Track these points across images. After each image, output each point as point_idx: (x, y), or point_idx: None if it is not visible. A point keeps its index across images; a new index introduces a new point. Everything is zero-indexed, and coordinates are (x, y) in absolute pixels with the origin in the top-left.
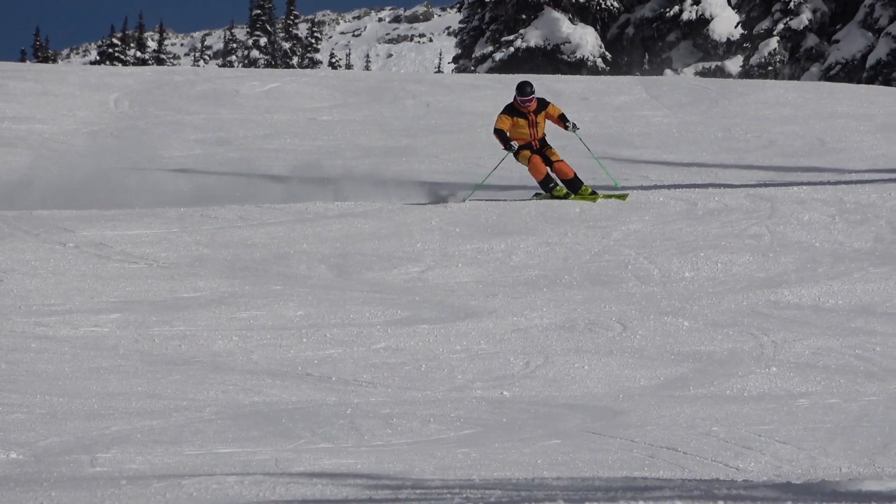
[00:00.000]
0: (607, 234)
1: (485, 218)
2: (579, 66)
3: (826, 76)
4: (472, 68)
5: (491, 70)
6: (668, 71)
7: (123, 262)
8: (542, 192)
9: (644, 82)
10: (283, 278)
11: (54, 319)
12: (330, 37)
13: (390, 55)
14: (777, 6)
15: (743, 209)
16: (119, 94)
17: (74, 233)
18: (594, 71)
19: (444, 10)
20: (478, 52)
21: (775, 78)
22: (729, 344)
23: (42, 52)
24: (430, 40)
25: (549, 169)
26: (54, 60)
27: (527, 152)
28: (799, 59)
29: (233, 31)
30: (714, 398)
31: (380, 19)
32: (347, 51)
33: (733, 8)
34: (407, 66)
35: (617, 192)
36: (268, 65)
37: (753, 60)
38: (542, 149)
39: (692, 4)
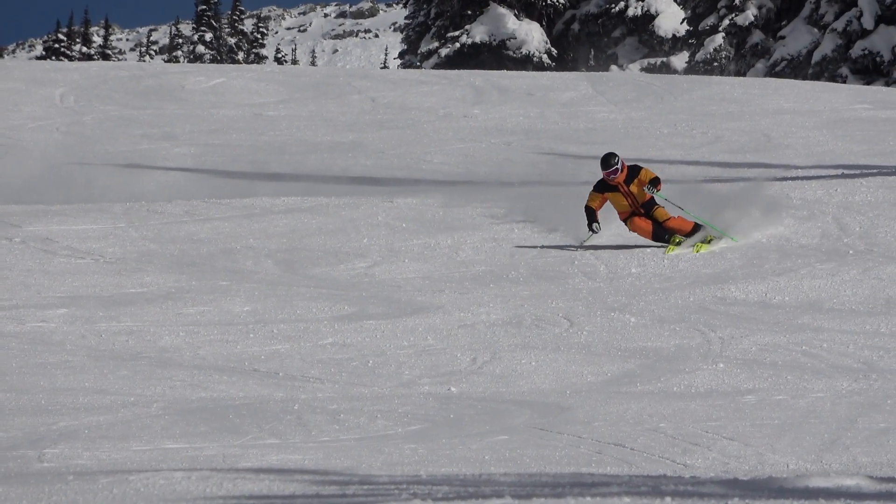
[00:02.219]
0: (553, 230)
1: (431, 213)
2: (525, 62)
3: (772, 72)
4: (419, 64)
5: (437, 66)
6: (613, 67)
7: (70, 257)
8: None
9: (590, 78)
10: (229, 273)
11: (0, 315)
12: (276, 32)
13: (336, 51)
14: (722, 2)
15: (688, 204)
16: (65, 89)
17: (21, 228)
18: (540, 67)
19: (389, 5)
20: (423, 48)
21: (721, 74)
22: (676, 340)
23: None
24: (376, 36)
25: (656, 225)
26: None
27: (632, 217)
28: (745, 56)
29: (178, 26)
30: (661, 394)
31: (325, 15)
32: (293, 46)
33: (679, 4)
34: (353, 61)
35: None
36: (213, 60)
37: (699, 56)
38: (649, 211)
39: (638, 0)
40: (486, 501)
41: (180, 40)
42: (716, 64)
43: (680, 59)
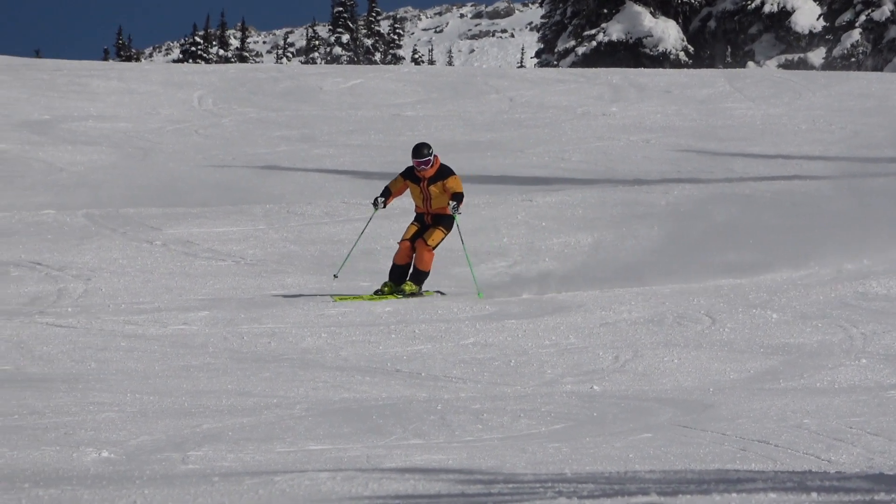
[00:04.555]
0: (693, 227)
1: (571, 212)
2: (661, 60)
3: None
4: (555, 63)
5: (574, 64)
6: (750, 63)
7: (211, 259)
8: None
9: (727, 75)
10: (370, 274)
11: (143, 318)
12: (412, 33)
13: (472, 51)
14: None
15: (829, 201)
16: (202, 91)
17: (161, 231)
18: (677, 64)
19: (525, 5)
20: (560, 47)
21: (858, 69)
22: (818, 336)
23: (125, 51)
24: (512, 36)
25: (411, 260)
26: (137, 59)
27: (409, 229)
28: (882, 51)
29: (315, 28)
30: (804, 391)
31: (461, 15)
32: (430, 46)
33: (814, 0)
34: (489, 61)
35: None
36: (350, 61)
37: (836, 52)
38: (433, 224)
39: None
40: (631, 499)
41: (317, 42)
42: (853, 59)
43: (817, 55)
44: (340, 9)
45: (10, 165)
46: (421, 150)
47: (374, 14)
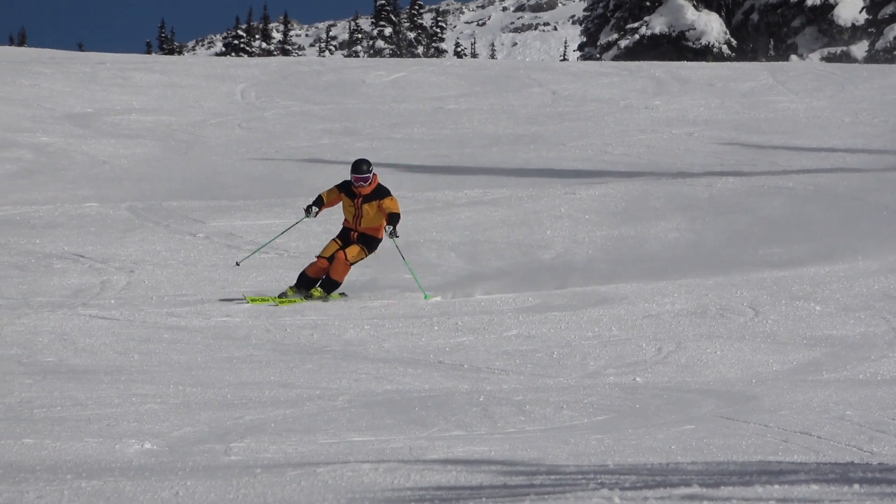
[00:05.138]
0: (736, 220)
1: (614, 205)
2: (704, 53)
3: None
4: (598, 56)
5: (616, 57)
6: (793, 56)
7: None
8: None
9: (770, 68)
10: (413, 266)
11: (186, 310)
12: (454, 26)
13: (515, 44)
14: None
15: (873, 193)
16: (245, 84)
17: (204, 223)
18: (719, 57)
19: None
20: (603, 40)
21: None
22: (861, 328)
23: (167, 44)
24: (555, 29)
25: (322, 277)
26: (180, 52)
27: (330, 246)
28: None
29: (357, 21)
30: (847, 382)
31: (504, 8)
32: (472, 40)
33: None
34: (532, 54)
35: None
36: (393, 55)
37: (879, 45)
38: (351, 243)
39: None
40: (673, 490)
41: (359, 35)
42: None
43: (860, 48)
44: (383, 2)
45: (53, 158)
46: (360, 166)
47: (416, 7)
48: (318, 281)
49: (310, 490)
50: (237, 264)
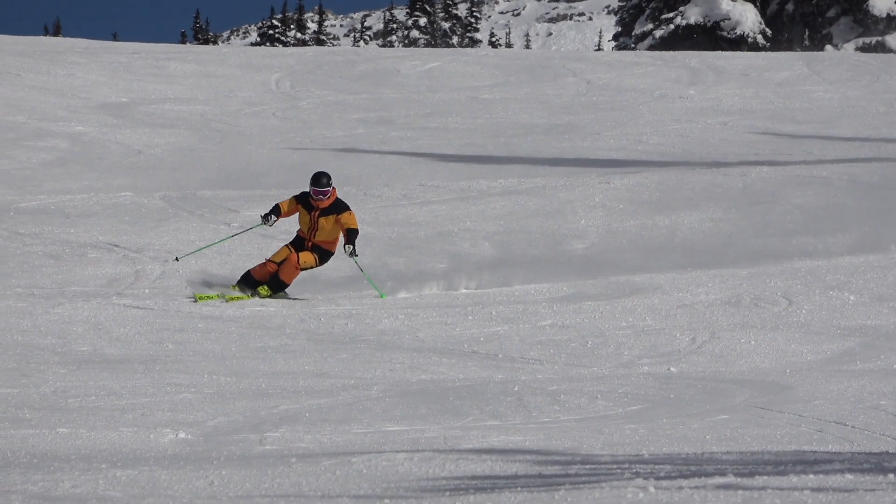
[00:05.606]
0: (770, 209)
1: (648, 194)
2: (739, 43)
3: None
4: (633, 46)
5: (651, 47)
6: (828, 46)
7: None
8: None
9: (805, 58)
10: (448, 256)
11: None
12: (489, 16)
13: (550, 34)
14: None
15: None
16: (280, 74)
17: (238, 213)
18: (754, 47)
19: None
20: (638, 30)
21: None
22: (895, 318)
23: (202, 34)
24: (590, 19)
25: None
26: (214, 42)
27: (282, 251)
28: None
29: (392, 11)
30: (881, 372)
31: None
32: (507, 30)
33: None
34: (566, 44)
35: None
36: (427, 45)
37: None
38: (305, 250)
39: None
40: (708, 480)
41: (394, 25)
42: None
43: (894, 39)
44: None
45: (88, 148)
46: (320, 179)
47: None
48: (261, 283)
49: (345, 479)
50: (176, 259)
